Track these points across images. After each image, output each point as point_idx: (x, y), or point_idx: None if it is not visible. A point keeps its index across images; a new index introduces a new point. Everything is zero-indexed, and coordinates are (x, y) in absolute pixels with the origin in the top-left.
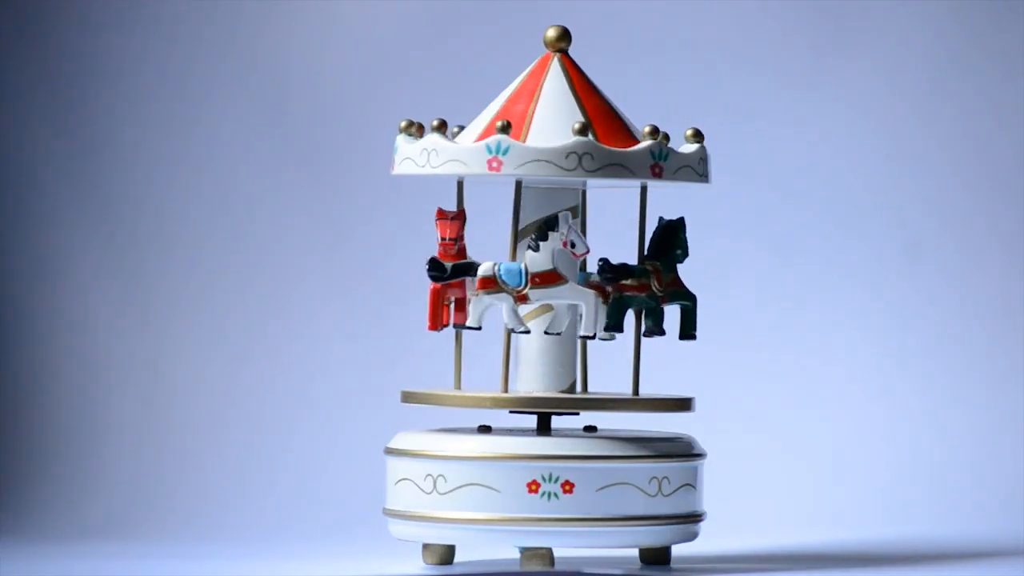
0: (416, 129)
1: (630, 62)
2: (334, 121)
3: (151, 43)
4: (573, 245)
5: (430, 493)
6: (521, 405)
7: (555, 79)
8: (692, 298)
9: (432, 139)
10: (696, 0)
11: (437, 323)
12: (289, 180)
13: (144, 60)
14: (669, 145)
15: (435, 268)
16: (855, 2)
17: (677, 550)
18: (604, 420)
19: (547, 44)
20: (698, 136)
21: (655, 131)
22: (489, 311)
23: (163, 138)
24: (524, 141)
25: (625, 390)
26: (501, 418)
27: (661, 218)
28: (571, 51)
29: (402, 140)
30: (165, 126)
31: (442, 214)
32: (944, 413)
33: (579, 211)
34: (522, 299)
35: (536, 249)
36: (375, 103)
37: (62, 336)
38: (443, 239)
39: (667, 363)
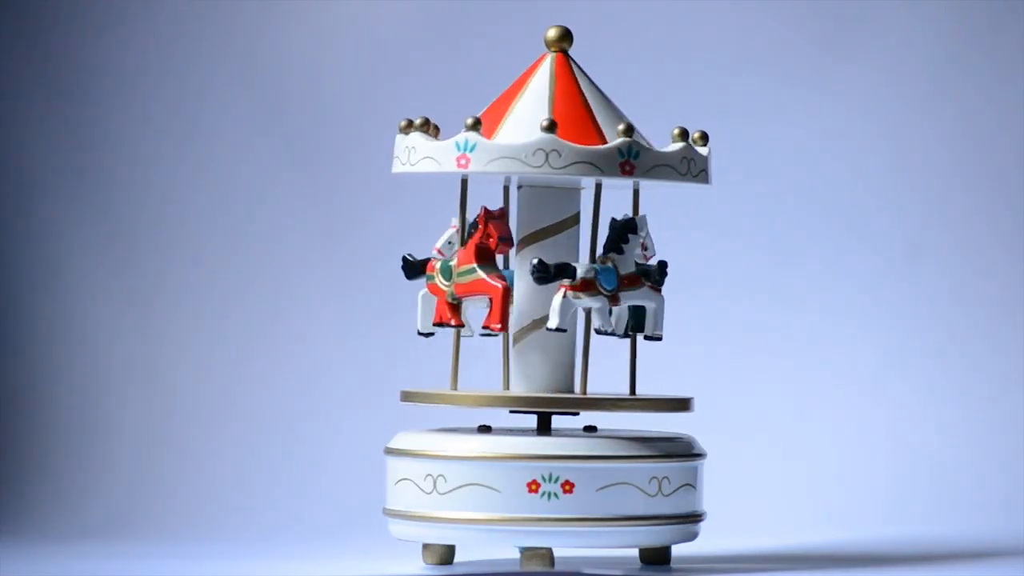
0: (483, 128)
1: (630, 62)
2: (334, 121)
3: (151, 44)
4: (645, 248)
5: (430, 493)
6: (521, 405)
7: (585, 81)
8: None
9: (552, 139)
10: (697, 0)
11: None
12: (289, 180)
13: (144, 60)
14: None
15: (542, 270)
16: (855, 2)
17: (677, 550)
18: (604, 420)
19: (548, 44)
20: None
21: (702, 135)
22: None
23: (163, 138)
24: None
25: (625, 390)
26: (501, 418)
27: (613, 219)
28: (571, 51)
29: (475, 137)
30: (165, 126)
31: (490, 213)
32: (944, 413)
33: (579, 218)
34: (615, 301)
35: (621, 252)
36: (375, 103)
37: (62, 336)
38: (502, 238)
39: (667, 363)
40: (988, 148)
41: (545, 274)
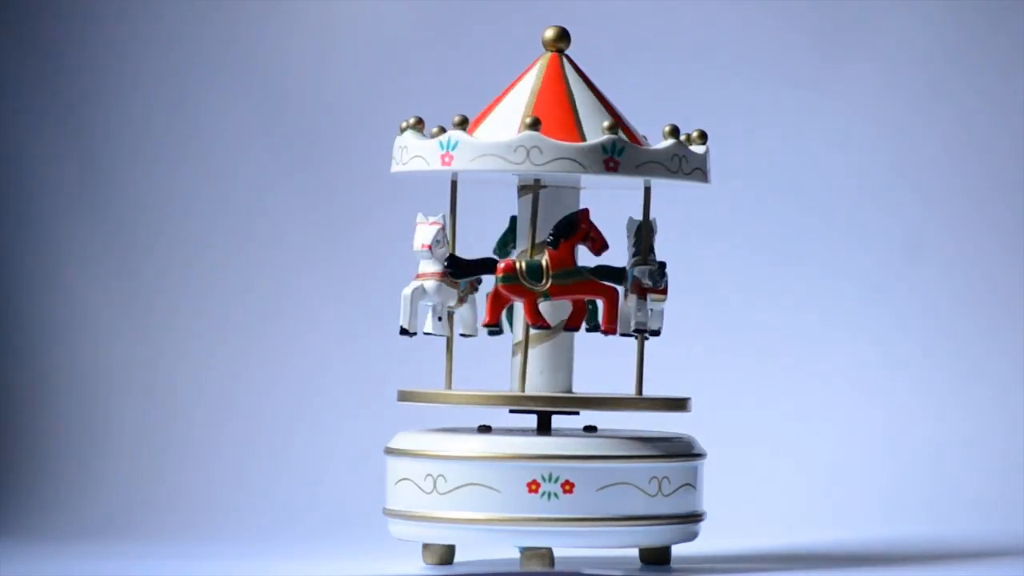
0: (622, 130)
1: (630, 63)
2: (334, 122)
3: (152, 44)
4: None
5: (430, 493)
6: (521, 405)
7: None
8: None
9: (678, 145)
10: (696, 1)
11: None
12: (289, 181)
13: (145, 61)
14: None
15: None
16: (855, 3)
17: (677, 550)
18: (604, 420)
19: (545, 44)
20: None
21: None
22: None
23: (163, 139)
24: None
25: (625, 390)
26: (501, 418)
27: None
28: (573, 52)
29: (623, 140)
30: (165, 127)
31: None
32: (943, 413)
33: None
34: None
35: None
36: (374, 104)
37: (62, 337)
38: (605, 244)
39: (667, 364)
40: (988, 148)
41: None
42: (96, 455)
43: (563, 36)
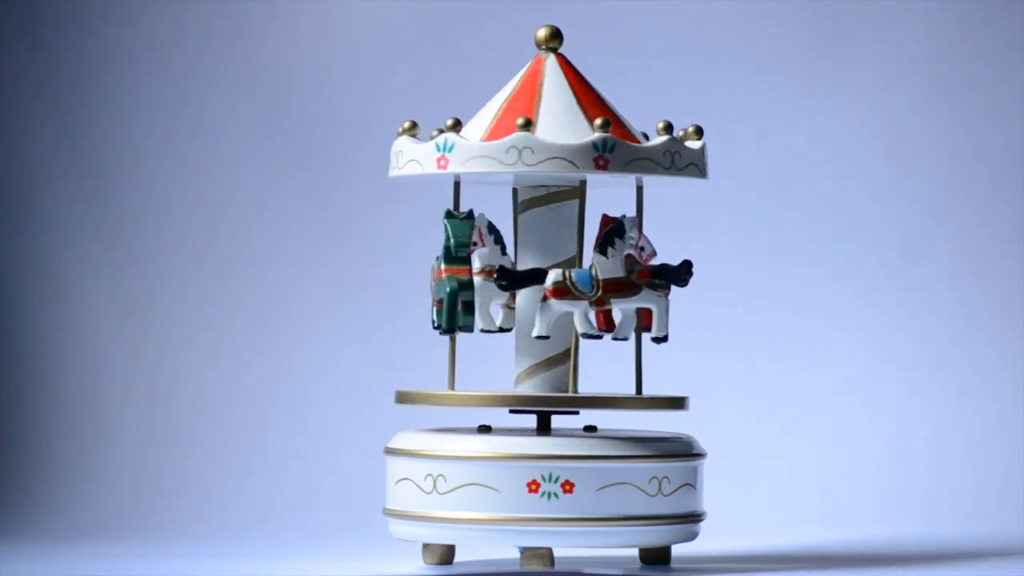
0: (670, 130)
1: (629, 63)
2: (335, 124)
3: (153, 47)
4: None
5: (430, 493)
6: (521, 405)
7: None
8: None
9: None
10: (696, 1)
11: None
12: (290, 183)
13: (146, 63)
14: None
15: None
16: (854, 3)
17: (677, 550)
18: (604, 420)
19: (538, 44)
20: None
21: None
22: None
23: (165, 141)
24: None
25: (625, 390)
26: (501, 418)
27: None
28: (574, 52)
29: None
30: (167, 130)
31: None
32: (942, 414)
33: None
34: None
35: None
36: (375, 107)
37: (64, 338)
38: None
39: (667, 364)
40: (986, 149)
41: None
42: (96, 455)
43: (555, 35)
